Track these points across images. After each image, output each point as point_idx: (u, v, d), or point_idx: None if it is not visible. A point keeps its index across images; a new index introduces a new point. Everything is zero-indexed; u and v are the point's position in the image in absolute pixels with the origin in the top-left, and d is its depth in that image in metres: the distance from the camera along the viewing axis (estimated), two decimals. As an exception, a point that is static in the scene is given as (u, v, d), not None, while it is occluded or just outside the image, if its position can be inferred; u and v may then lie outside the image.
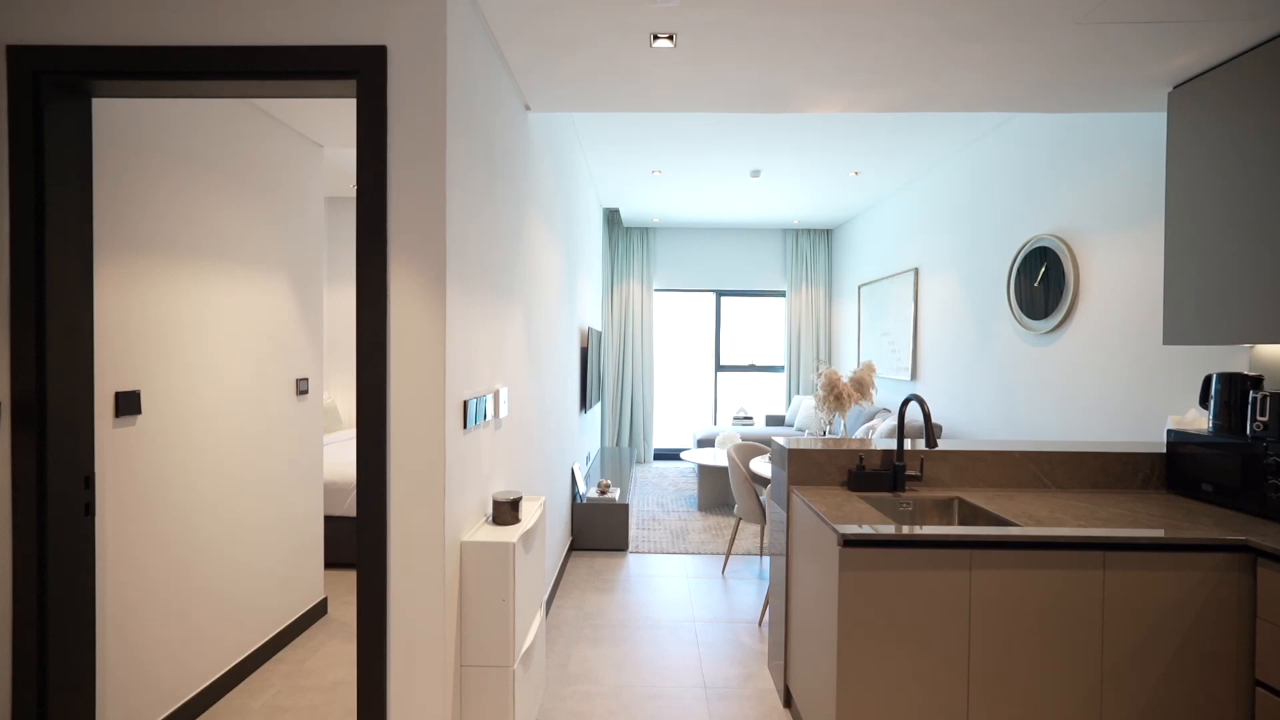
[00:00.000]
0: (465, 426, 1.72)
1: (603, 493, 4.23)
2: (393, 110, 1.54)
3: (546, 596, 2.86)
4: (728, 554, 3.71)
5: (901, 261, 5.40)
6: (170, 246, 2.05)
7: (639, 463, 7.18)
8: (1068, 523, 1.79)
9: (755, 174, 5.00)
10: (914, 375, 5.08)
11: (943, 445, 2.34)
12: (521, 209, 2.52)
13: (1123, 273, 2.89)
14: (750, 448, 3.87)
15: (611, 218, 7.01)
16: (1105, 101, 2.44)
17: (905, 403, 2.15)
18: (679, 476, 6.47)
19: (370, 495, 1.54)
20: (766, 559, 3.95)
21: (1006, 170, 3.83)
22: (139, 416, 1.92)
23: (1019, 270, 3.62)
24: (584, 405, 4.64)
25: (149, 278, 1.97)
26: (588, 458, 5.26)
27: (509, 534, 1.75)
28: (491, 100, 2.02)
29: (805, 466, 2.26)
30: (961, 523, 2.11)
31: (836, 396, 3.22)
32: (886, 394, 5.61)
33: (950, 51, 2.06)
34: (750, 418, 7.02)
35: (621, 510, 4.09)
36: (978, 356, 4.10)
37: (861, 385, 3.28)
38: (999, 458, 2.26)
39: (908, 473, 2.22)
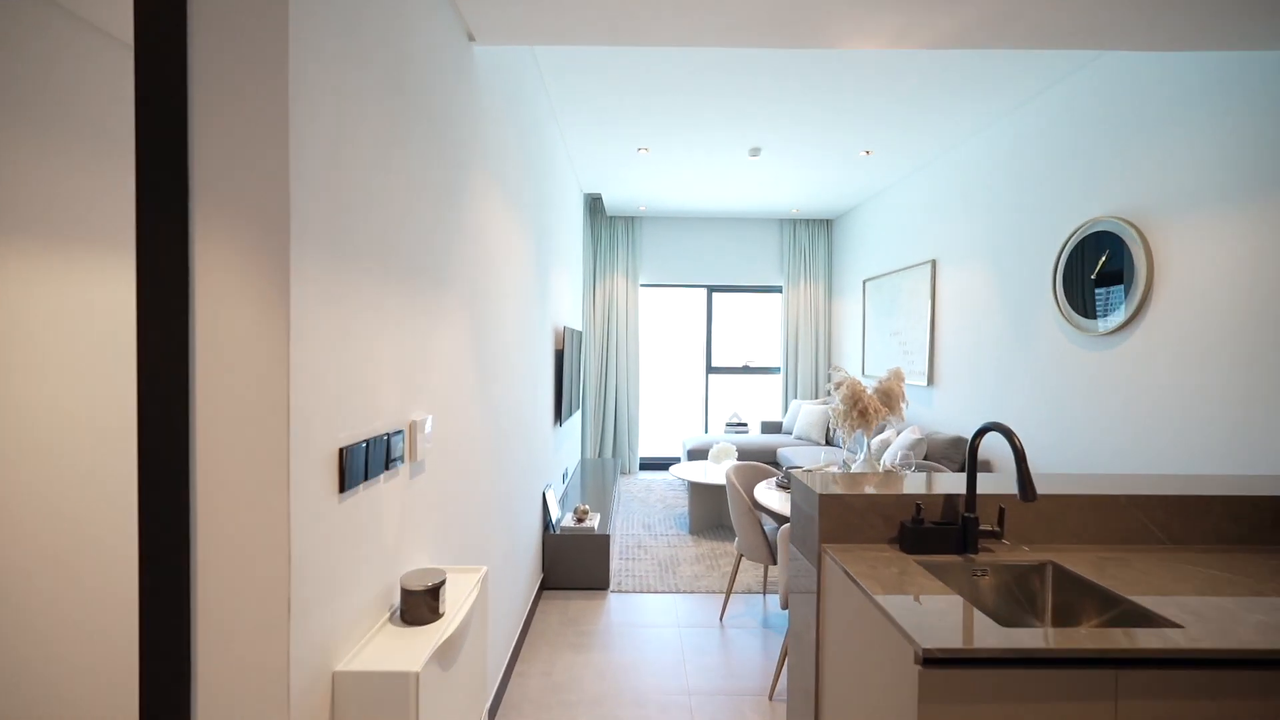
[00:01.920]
0: (344, 488, 1.11)
1: (580, 520, 3.63)
2: (195, -31, 0.92)
3: (490, 701, 2.23)
4: (727, 596, 3.13)
5: (915, 253, 4.85)
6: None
7: (623, 474, 6.58)
8: (1211, 596, 1.23)
9: (754, 152, 4.42)
10: (930, 380, 4.54)
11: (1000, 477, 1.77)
12: (463, 172, 1.90)
13: (1216, 262, 2.35)
14: (753, 469, 3.30)
15: (593, 205, 6.39)
16: (1233, 35, 1.87)
17: (979, 433, 1.58)
18: (667, 490, 5.88)
19: (160, 617, 0.92)
20: (772, 598, 3.38)
21: (1051, 145, 3.27)
22: None
23: (1068, 260, 3.08)
24: (559, 418, 4.03)
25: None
26: (565, 475, 4.65)
27: (415, 651, 1.14)
28: (402, 10, 1.40)
29: (842, 517, 1.67)
30: (1056, 598, 1.54)
31: (860, 412, 2.65)
32: (897, 400, 5.06)
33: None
34: (745, 424, 6.46)
35: (601, 541, 3.49)
36: (1012, 359, 3.56)
37: (890, 397, 2.72)
38: (1095, 503, 1.70)
39: (981, 527, 1.65)
